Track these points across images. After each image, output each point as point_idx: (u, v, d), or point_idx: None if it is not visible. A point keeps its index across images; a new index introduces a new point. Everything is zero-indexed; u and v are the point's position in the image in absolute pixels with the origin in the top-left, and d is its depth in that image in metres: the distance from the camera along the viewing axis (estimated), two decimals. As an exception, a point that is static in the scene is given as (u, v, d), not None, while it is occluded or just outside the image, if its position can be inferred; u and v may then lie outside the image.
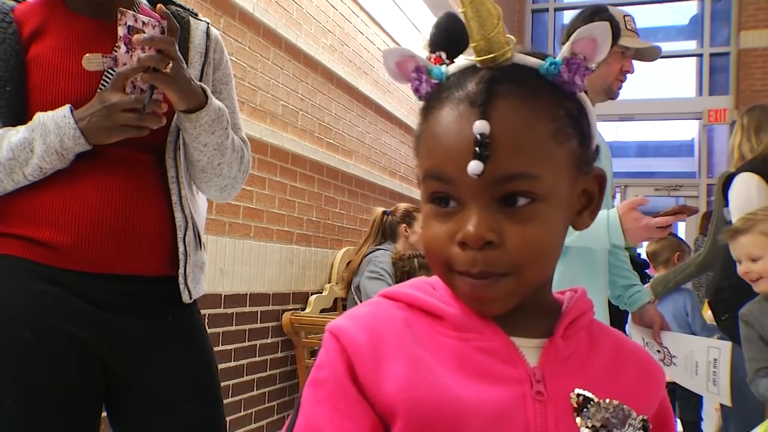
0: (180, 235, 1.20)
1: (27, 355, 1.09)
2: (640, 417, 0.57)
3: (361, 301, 3.30)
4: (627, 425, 0.56)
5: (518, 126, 0.54)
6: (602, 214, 1.62)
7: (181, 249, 1.20)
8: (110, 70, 1.14)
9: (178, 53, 1.11)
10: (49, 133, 1.09)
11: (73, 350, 1.11)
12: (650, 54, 1.91)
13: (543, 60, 0.57)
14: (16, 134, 1.11)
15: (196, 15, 1.31)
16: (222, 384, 1.33)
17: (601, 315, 1.73)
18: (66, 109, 1.11)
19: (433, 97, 0.58)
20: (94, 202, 1.13)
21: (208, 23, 1.31)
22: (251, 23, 2.87)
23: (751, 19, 7.28)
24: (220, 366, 1.37)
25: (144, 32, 1.09)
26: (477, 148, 0.52)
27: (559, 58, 0.56)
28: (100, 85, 1.15)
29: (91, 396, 1.15)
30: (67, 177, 1.13)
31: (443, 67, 0.59)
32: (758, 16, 7.25)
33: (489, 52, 0.56)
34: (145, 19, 1.10)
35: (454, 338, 0.58)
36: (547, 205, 0.55)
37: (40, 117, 1.11)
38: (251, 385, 2.90)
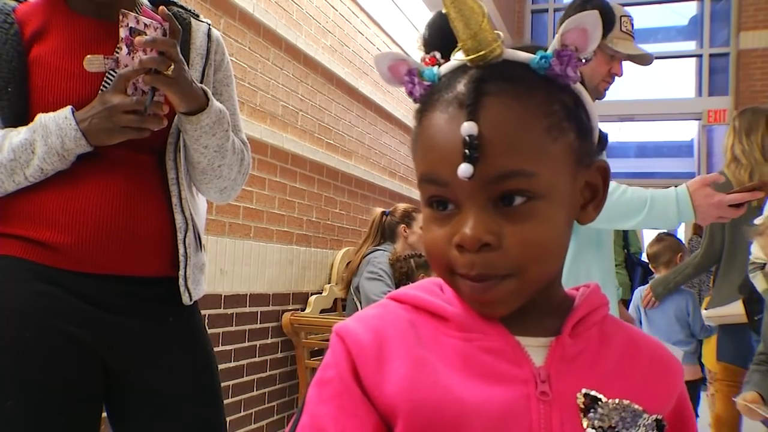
0: (180, 236, 1.20)
1: (27, 356, 1.09)
2: (653, 417, 0.55)
3: (360, 302, 3.30)
4: (638, 425, 0.55)
5: (509, 124, 0.53)
6: (670, 191, 1.56)
7: (181, 251, 1.20)
8: (112, 72, 1.14)
9: (180, 55, 1.11)
10: (51, 134, 1.09)
11: (73, 350, 1.12)
12: (643, 60, 1.86)
13: (534, 54, 0.56)
14: (18, 135, 1.11)
15: (198, 16, 1.31)
16: (222, 384, 1.33)
17: (612, 307, 1.71)
18: (67, 110, 1.11)
19: (426, 100, 0.58)
20: (95, 202, 1.13)
21: (209, 24, 1.32)
22: (251, 24, 2.87)
23: (750, 19, 7.28)
24: (220, 366, 1.38)
25: (146, 34, 1.09)
26: (466, 150, 0.52)
27: (549, 51, 0.55)
28: (101, 87, 1.15)
29: (91, 396, 1.15)
30: (68, 178, 1.13)
31: (435, 68, 0.58)
32: (758, 16, 7.26)
33: (477, 51, 0.55)
34: (147, 20, 1.10)
35: (459, 339, 0.58)
36: (546, 203, 0.54)
37: (41, 118, 1.11)
38: (251, 386, 2.90)
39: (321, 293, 3.45)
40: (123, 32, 1.08)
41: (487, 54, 0.55)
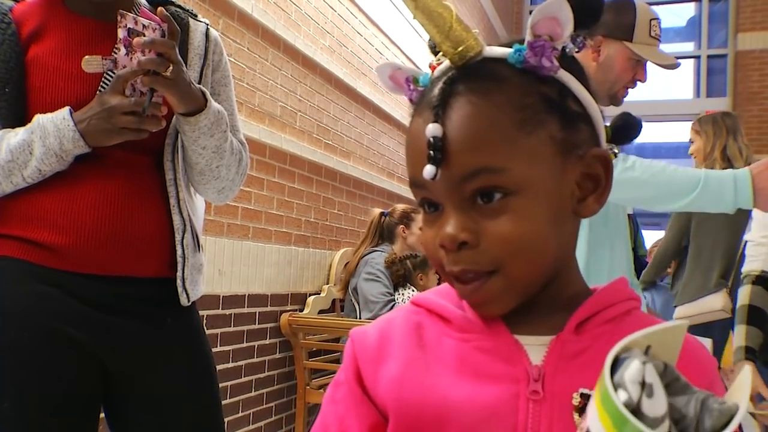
0: (178, 237, 1.20)
1: (26, 357, 1.09)
2: None
3: (358, 303, 3.30)
4: None
5: (475, 122, 0.53)
6: (728, 171, 1.47)
7: (179, 252, 1.20)
8: (110, 73, 1.13)
9: (179, 56, 1.11)
10: (49, 135, 1.09)
11: (71, 352, 1.11)
12: (669, 66, 1.73)
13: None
14: (15, 136, 1.11)
15: (196, 16, 1.31)
16: (220, 385, 1.33)
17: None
18: (65, 111, 1.10)
19: (415, 105, 0.59)
20: (93, 204, 1.13)
21: (207, 24, 1.31)
22: (250, 24, 2.87)
23: (748, 21, 7.30)
24: (219, 367, 1.38)
25: (144, 35, 1.08)
26: (430, 152, 0.52)
27: (524, 44, 0.55)
28: (99, 88, 1.14)
29: (89, 397, 1.15)
30: (66, 179, 1.13)
31: (429, 73, 0.59)
32: (755, 18, 7.27)
33: (455, 50, 0.55)
34: (146, 21, 1.10)
35: (457, 339, 0.58)
36: (523, 198, 0.53)
37: (39, 119, 1.10)
38: (249, 386, 2.90)
39: (319, 294, 3.45)
40: (121, 33, 1.08)
41: (464, 51, 0.55)
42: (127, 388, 1.18)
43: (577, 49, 0.57)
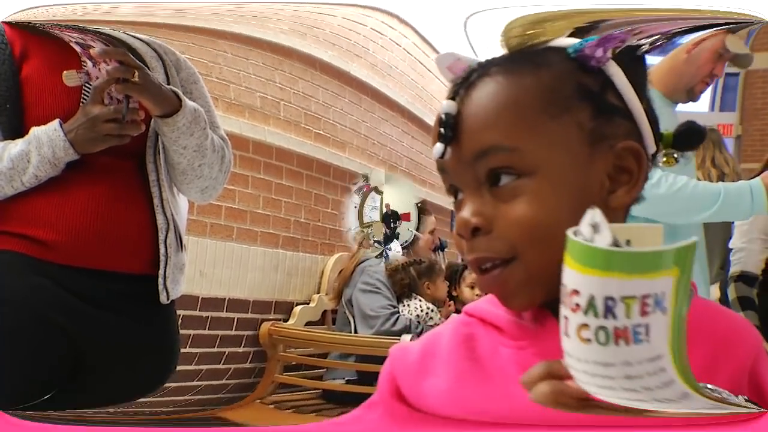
0: (161, 236, 1.48)
1: (20, 340, 1.41)
2: None
3: (353, 316, 3.29)
4: None
5: (493, 99, 0.59)
6: (743, 183, 1.77)
7: (162, 250, 1.45)
8: (87, 85, 1.41)
9: (136, 61, 1.32)
10: (43, 145, 1.38)
11: (63, 337, 1.42)
12: (745, 60, 1.86)
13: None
14: (15, 147, 1.40)
15: None
16: (174, 385, 1.62)
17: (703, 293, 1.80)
18: (56, 123, 1.39)
19: None
20: (83, 208, 1.42)
21: None
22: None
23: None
24: (179, 368, 1.67)
25: (94, 46, 1.31)
26: (441, 130, 0.59)
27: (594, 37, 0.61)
28: (81, 99, 1.42)
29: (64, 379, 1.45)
30: (59, 184, 1.42)
31: None
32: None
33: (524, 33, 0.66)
34: None
35: (514, 348, 0.63)
36: (539, 181, 0.58)
37: (34, 131, 1.40)
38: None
39: (308, 304, 3.44)
40: (77, 47, 1.35)
41: (530, 37, 0.68)
42: (89, 369, 1.46)
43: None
